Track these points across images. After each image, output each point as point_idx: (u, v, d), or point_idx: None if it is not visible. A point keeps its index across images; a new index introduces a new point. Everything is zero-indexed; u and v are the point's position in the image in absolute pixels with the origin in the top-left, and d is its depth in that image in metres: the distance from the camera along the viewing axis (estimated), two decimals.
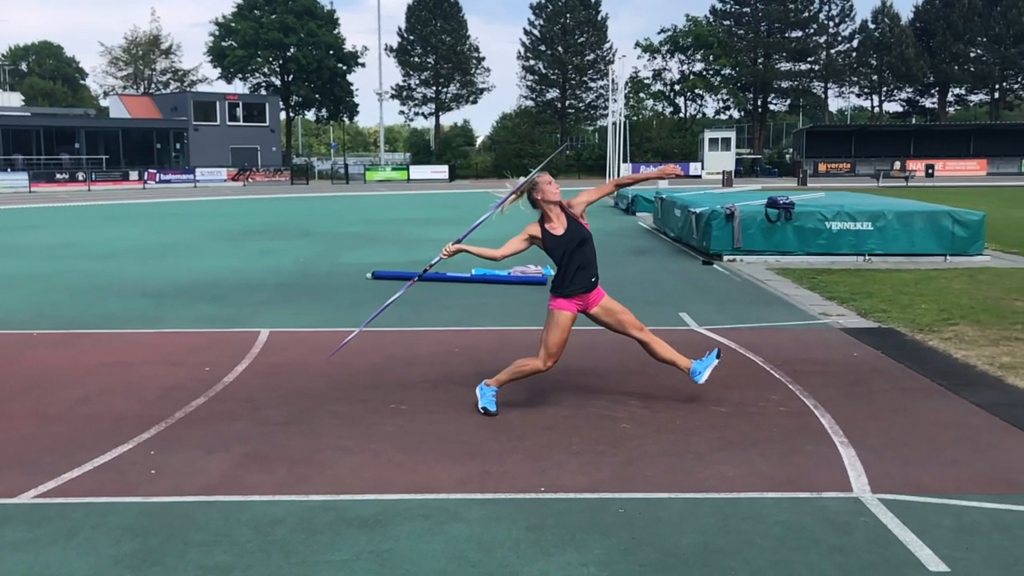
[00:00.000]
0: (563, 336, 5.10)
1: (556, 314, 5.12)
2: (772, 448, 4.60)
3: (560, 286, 5.15)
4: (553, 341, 5.10)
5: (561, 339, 5.10)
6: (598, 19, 63.41)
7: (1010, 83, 64.76)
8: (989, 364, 6.25)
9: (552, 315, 5.14)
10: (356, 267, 12.14)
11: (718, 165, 50.28)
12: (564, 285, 5.13)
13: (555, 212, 5.23)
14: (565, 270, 5.12)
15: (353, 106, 67.41)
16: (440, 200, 32.14)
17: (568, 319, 5.13)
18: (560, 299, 5.14)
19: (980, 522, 3.64)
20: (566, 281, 5.12)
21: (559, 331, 5.10)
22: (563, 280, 5.13)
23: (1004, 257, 12.58)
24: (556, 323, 5.11)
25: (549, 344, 5.11)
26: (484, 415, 5.15)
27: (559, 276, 5.16)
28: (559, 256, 5.13)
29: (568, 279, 5.11)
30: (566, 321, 5.12)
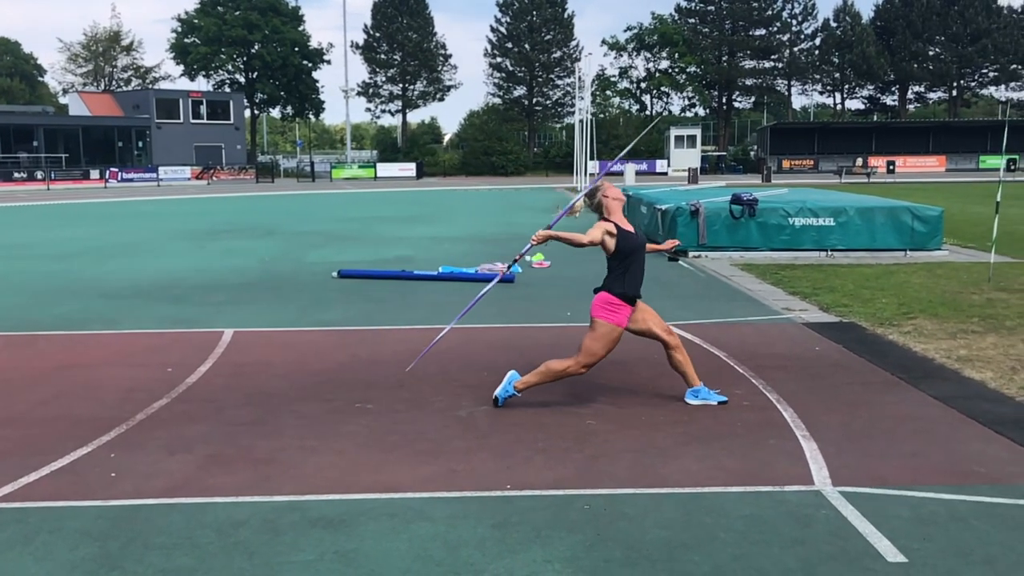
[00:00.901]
0: (610, 351, 5.09)
1: (613, 329, 5.00)
2: (735, 442, 4.65)
3: (623, 284, 5.03)
4: (598, 352, 5.05)
5: (607, 352, 5.09)
6: (564, 17, 63.52)
7: (967, 81, 66.00)
8: (947, 357, 6.37)
9: (609, 328, 5.00)
10: (321, 266, 12.05)
11: (684, 162, 50.67)
12: (628, 284, 5.04)
13: (620, 215, 5.20)
14: (629, 270, 5.05)
15: (319, 103, 66.93)
16: (407, 198, 32.00)
17: (620, 336, 5.09)
18: (616, 309, 4.99)
19: (937, 512, 3.71)
20: (629, 280, 5.04)
21: (609, 345, 5.05)
22: (626, 280, 5.04)
23: (962, 252, 12.83)
24: (610, 338, 5.02)
25: (594, 352, 5.05)
26: (493, 404, 5.18)
27: (622, 275, 5.04)
28: (629, 254, 5.06)
29: (632, 279, 5.06)
30: (618, 338, 5.08)
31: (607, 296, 5.06)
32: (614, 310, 5.04)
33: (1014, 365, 6.10)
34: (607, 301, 5.05)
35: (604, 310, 5.04)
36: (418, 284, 10.36)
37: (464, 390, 5.69)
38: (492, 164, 57.70)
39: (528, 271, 11.40)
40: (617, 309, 5.04)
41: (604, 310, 5.04)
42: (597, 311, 5.07)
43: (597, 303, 5.11)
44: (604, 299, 5.06)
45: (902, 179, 43.77)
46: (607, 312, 5.03)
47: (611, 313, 5.02)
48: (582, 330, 7.54)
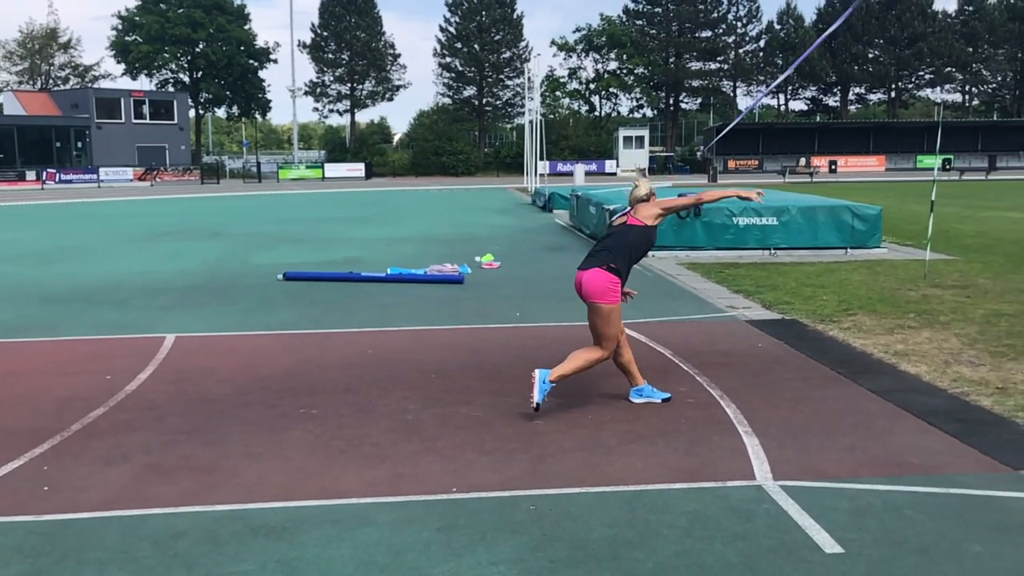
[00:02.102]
0: (621, 325, 5.24)
1: (615, 308, 5.18)
2: (679, 439, 4.70)
3: (624, 273, 5.20)
4: (616, 333, 5.19)
5: (621, 328, 5.23)
6: (514, 17, 63.64)
7: (905, 83, 67.84)
8: (884, 352, 6.53)
9: (611, 309, 5.14)
10: (267, 268, 11.88)
11: (632, 162, 51.19)
12: (626, 273, 5.22)
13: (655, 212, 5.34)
14: (633, 261, 5.29)
15: (265, 103, 66.05)
16: (356, 199, 31.72)
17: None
18: (615, 288, 5.14)
19: (873, 504, 3.80)
20: (626, 271, 5.23)
21: (618, 321, 5.21)
22: (628, 270, 5.24)
23: (900, 249, 13.18)
24: (617, 315, 5.19)
25: (613, 335, 5.18)
26: (535, 407, 5.03)
27: (627, 265, 5.22)
28: (648, 238, 5.28)
29: (629, 269, 5.26)
30: (620, 312, 5.25)
31: (611, 276, 5.14)
32: (614, 290, 5.15)
33: (947, 359, 6.28)
34: (611, 281, 5.13)
35: (608, 293, 5.12)
36: (366, 286, 10.27)
37: (412, 393, 5.66)
38: (442, 164, 57.56)
39: (478, 272, 11.40)
40: (616, 288, 5.17)
41: (608, 293, 5.12)
42: (600, 296, 5.12)
43: (598, 286, 5.13)
44: (608, 279, 5.13)
45: (844, 178, 44.81)
46: (611, 295, 5.13)
47: (612, 294, 5.14)
48: (532, 330, 7.62)
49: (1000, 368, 6.01)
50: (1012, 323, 7.48)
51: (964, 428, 4.77)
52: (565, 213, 21.14)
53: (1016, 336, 6.96)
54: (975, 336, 7.00)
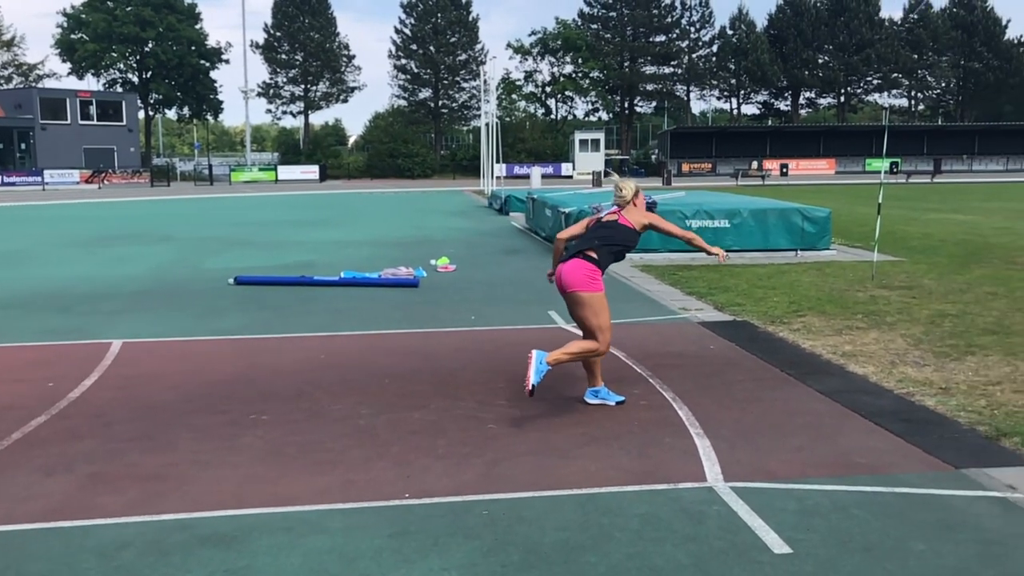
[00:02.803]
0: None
1: (602, 296, 5.20)
2: (632, 441, 4.73)
3: (603, 267, 5.23)
4: (608, 322, 5.20)
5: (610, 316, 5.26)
6: (469, 19, 63.64)
7: (853, 88, 69.36)
8: (833, 353, 6.65)
9: (599, 297, 5.16)
10: (218, 272, 11.69)
11: (588, 165, 51.52)
12: (604, 267, 5.25)
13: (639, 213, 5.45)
14: (616, 259, 5.33)
15: (217, 104, 65.10)
16: (309, 201, 31.41)
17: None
18: (597, 277, 5.16)
19: (821, 504, 3.86)
20: (606, 266, 5.26)
21: (608, 309, 5.23)
22: (607, 265, 5.27)
23: (849, 251, 13.44)
24: (605, 303, 5.21)
25: (607, 325, 5.18)
26: (529, 391, 4.89)
27: (607, 261, 5.26)
28: (633, 241, 5.37)
29: (608, 265, 5.29)
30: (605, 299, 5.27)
31: (590, 265, 5.15)
32: (594, 278, 5.16)
33: (893, 359, 6.42)
34: (590, 270, 5.15)
35: (587, 281, 5.13)
36: (319, 290, 10.16)
37: (364, 398, 5.61)
38: (398, 166, 57.28)
39: (433, 275, 11.35)
40: (596, 277, 5.18)
41: (587, 281, 5.13)
42: (579, 284, 5.12)
43: (577, 275, 5.13)
44: (587, 268, 5.14)
45: (795, 181, 45.62)
46: (591, 283, 5.14)
47: (593, 283, 5.15)
48: (487, 333, 7.61)
49: (943, 368, 6.16)
50: (955, 323, 7.67)
51: (909, 428, 4.87)
52: (521, 216, 21.19)
53: (958, 336, 7.14)
54: (920, 337, 7.17)
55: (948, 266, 11.45)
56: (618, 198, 5.47)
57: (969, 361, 6.33)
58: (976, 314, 8.07)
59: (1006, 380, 5.80)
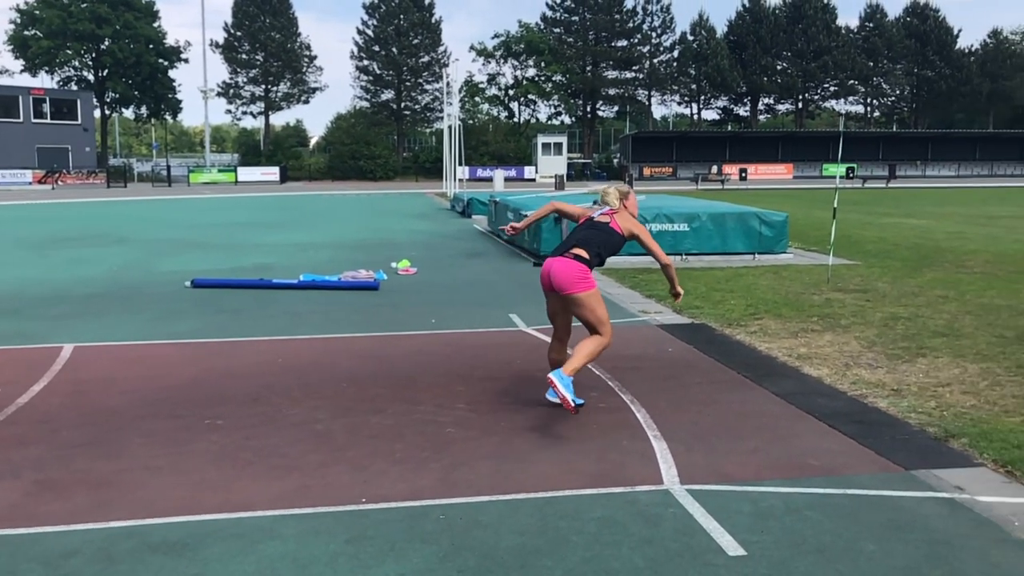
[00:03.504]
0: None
1: (597, 291, 5.20)
2: (590, 445, 4.74)
3: (593, 267, 5.24)
4: (606, 314, 5.21)
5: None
6: (432, 21, 63.55)
7: (811, 94, 70.57)
8: (788, 355, 6.74)
9: (593, 293, 5.15)
10: (175, 275, 11.51)
11: (551, 169, 51.71)
12: (594, 267, 5.26)
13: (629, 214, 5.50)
14: (601, 262, 5.31)
15: (176, 104, 64.14)
16: (269, 203, 31.08)
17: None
18: (589, 276, 5.17)
19: (775, 506, 3.90)
20: (593, 267, 5.26)
21: (603, 302, 5.25)
22: (594, 267, 5.27)
23: (805, 255, 13.65)
24: (600, 297, 5.23)
25: (606, 318, 5.19)
26: (575, 411, 4.92)
27: (597, 261, 5.26)
28: (620, 248, 5.38)
29: (594, 267, 5.28)
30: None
31: (583, 267, 5.15)
32: (586, 276, 5.15)
33: (847, 361, 6.53)
34: (581, 270, 5.14)
35: (580, 281, 5.12)
36: (277, 293, 10.05)
37: (322, 402, 5.55)
38: (360, 168, 56.95)
39: (394, 278, 11.29)
40: (587, 275, 5.17)
41: (580, 281, 5.12)
42: (577, 287, 5.10)
43: (569, 276, 5.11)
44: (578, 267, 5.13)
45: (753, 186, 46.19)
46: (583, 283, 5.13)
47: (585, 281, 5.14)
48: (447, 336, 7.58)
49: (895, 370, 6.27)
50: (907, 326, 7.82)
51: (862, 429, 4.95)
52: (484, 219, 21.18)
53: (910, 339, 7.28)
54: (873, 339, 7.30)
55: (901, 270, 11.68)
56: (606, 202, 5.49)
57: (920, 363, 6.46)
58: (927, 317, 8.24)
59: (955, 382, 5.92)
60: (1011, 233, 17.23)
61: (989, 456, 4.49)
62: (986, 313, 8.45)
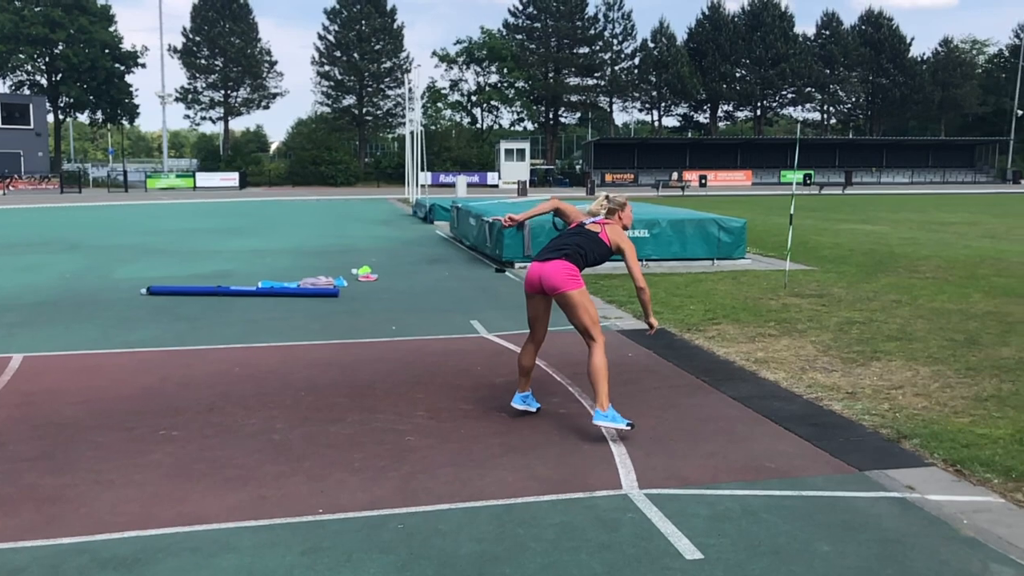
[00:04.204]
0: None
1: (585, 291, 5.18)
2: (550, 450, 4.75)
3: (582, 268, 5.22)
4: (596, 314, 5.18)
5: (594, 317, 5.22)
6: (394, 27, 63.35)
7: (769, 101, 71.61)
8: (746, 360, 6.82)
9: (582, 292, 5.13)
10: (130, 282, 11.30)
11: (514, 175, 51.81)
12: (582, 268, 5.24)
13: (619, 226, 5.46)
14: (585, 264, 5.27)
15: (133, 109, 63.14)
16: (229, 209, 30.70)
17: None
18: (577, 275, 5.14)
19: (732, 509, 3.94)
20: (582, 268, 5.24)
21: (591, 301, 5.21)
22: (582, 268, 5.24)
23: (763, 260, 13.83)
24: (588, 297, 5.19)
25: (596, 318, 5.15)
26: (630, 428, 4.92)
27: (582, 265, 5.23)
28: (605, 259, 5.35)
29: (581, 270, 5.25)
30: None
31: (572, 266, 5.13)
32: (575, 275, 5.13)
33: (803, 365, 6.62)
34: (571, 269, 5.12)
35: (570, 279, 5.08)
36: (235, 301, 9.92)
37: (280, 412, 5.49)
38: (321, 174, 56.51)
39: (354, 285, 11.21)
40: (576, 274, 5.15)
41: (570, 279, 5.08)
42: (568, 285, 5.07)
43: (561, 275, 5.07)
44: (567, 267, 5.10)
45: (713, 192, 46.73)
46: (573, 281, 5.10)
47: (575, 280, 5.11)
48: (408, 344, 7.54)
49: (850, 374, 6.38)
50: (862, 330, 7.96)
51: (817, 432, 5.02)
52: (446, 225, 21.14)
53: (865, 343, 7.41)
54: (829, 343, 7.41)
55: (856, 275, 11.89)
56: (591, 211, 5.47)
57: (874, 366, 6.58)
58: (881, 321, 8.39)
59: (907, 384, 6.04)
60: (961, 239, 17.65)
61: (939, 456, 4.58)
62: (937, 317, 8.63)
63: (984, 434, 4.91)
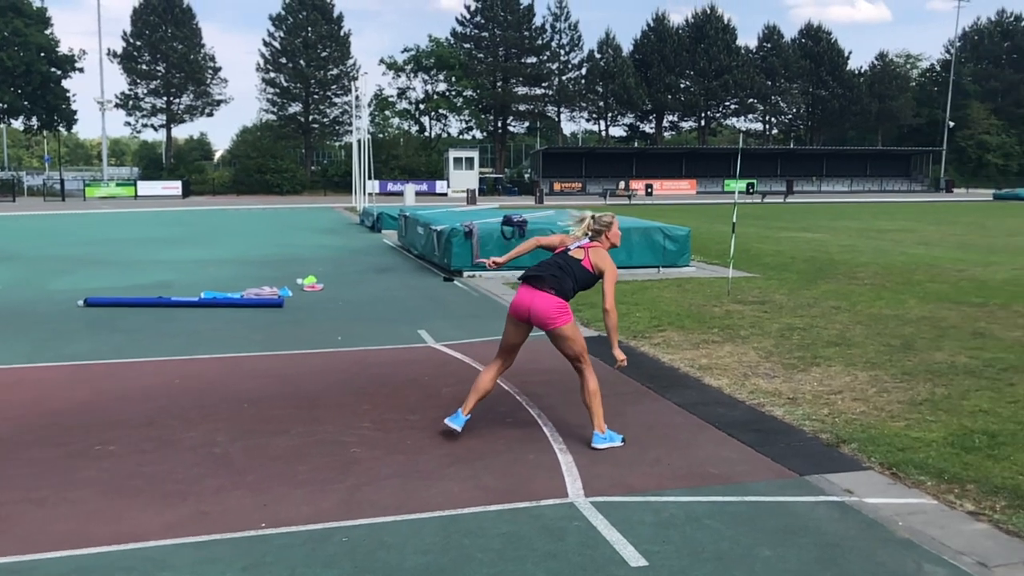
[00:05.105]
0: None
1: (575, 324, 5.15)
2: (497, 460, 4.74)
3: (569, 298, 5.13)
4: (584, 344, 5.15)
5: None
6: (341, 34, 62.85)
7: (713, 112, 72.85)
8: (690, 366, 6.91)
9: (574, 326, 5.10)
10: (67, 294, 10.99)
11: (463, 183, 51.74)
12: (569, 298, 5.15)
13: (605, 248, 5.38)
14: (575, 293, 5.19)
15: (70, 115, 61.39)
16: (171, 218, 30.08)
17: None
18: (567, 310, 5.08)
19: (676, 515, 3.98)
20: (570, 297, 5.15)
21: (580, 334, 5.17)
22: (570, 296, 5.16)
23: (707, 268, 14.04)
24: (577, 329, 5.15)
25: (584, 347, 5.13)
26: (624, 444, 4.98)
27: (573, 293, 5.17)
28: (592, 284, 5.23)
29: (571, 296, 5.17)
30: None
31: (561, 302, 5.06)
32: (564, 310, 5.08)
33: (746, 372, 6.73)
34: (561, 304, 5.06)
35: (561, 314, 5.03)
36: (177, 312, 9.71)
37: (221, 424, 5.38)
38: (266, 182, 55.71)
39: (299, 295, 11.07)
40: (566, 308, 5.10)
41: (561, 314, 5.03)
42: (557, 320, 5.01)
43: (551, 311, 5.00)
44: (557, 302, 5.03)
45: (659, 201, 47.32)
46: (564, 315, 5.05)
47: (565, 314, 5.07)
48: (353, 354, 7.46)
49: (791, 379, 6.50)
50: (803, 336, 8.13)
51: (759, 437, 5.11)
52: (394, 233, 21.02)
53: (805, 349, 7.57)
54: (771, 349, 7.55)
55: (797, 282, 12.14)
56: (575, 233, 5.39)
57: (814, 372, 6.72)
58: (821, 327, 8.58)
59: (846, 389, 6.18)
60: (898, 246, 18.16)
61: (876, 459, 4.70)
62: (875, 323, 8.86)
63: (918, 437, 5.05)
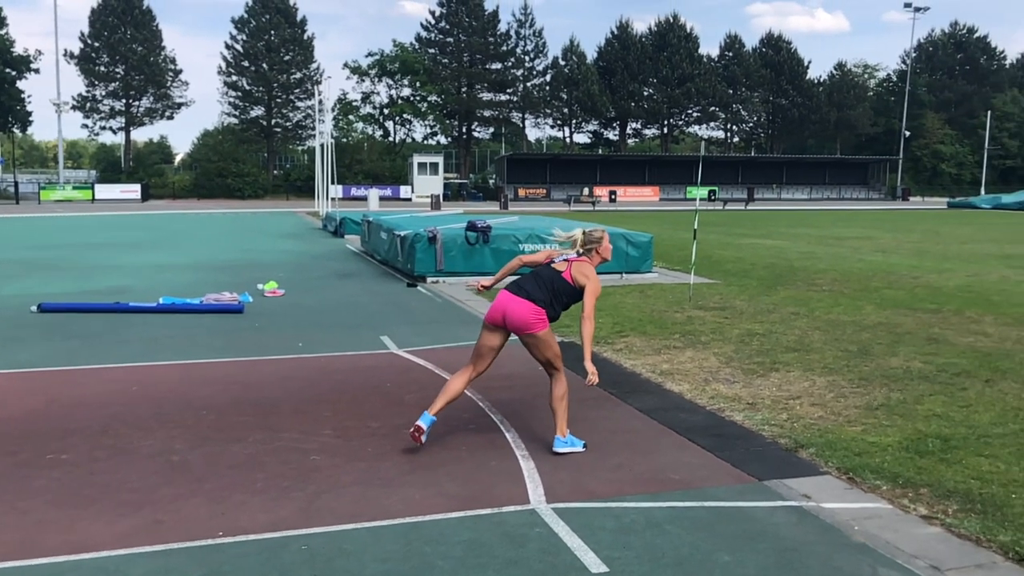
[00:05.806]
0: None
1: (551, 331, 5.11)
2: (459, 467, 4.72)
3: (548, 309, 5.06)
4: (559, 351, 5.13)
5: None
6: (304, 38, 62.45)
7: (675, 120, 73.62)
8: (652, 372, 6.95)
9: (550, 333, 5.07)
10: (19, 299, 10.74)
11: (427, 189, 51.66)
12: (552, 313, 5.10)
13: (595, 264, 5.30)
14: (561, 306, 5.15)
15: (25, 116, 60.13)
16: (129, 222, 29.58)
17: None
18: (544, 318, 5.03)
19: (637, 521, 3.99)
20: (553, 312, 5.10)
21: (555, 341, 5.15)
22: (556, 312, 5.12)
23: (669, 274, 14.15)
24: (552, 336, 5.13)
25: (559, 353, 5.11)
26: (585, 449, 5.02)
27: (560, 309, 5.14)
28: (578, 297, 5.14)
29: (557, 311, 5.14)
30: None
31: (538, 308, 5.01)
32: (541, 318, 5.04)
33: (707, 377, 6.79)
34: (538, 311, 5.01)
35: (536, 322, 5.00)
36: (134, 318, 9.53)
37: (179, 432, 5.29)
38: (228, 186, 55.07)
39: (260, 301, 10.94)
40: (543, 316, 5.05)
41: (536, 322, 5.00)
42: (535, 326, 4.99)
43: (528, 316, 4.98)
44: (534, 310, 5.00)
45: (622, 207, 47.68)
46: (540, 323, 5.02)
47: (541, 322, 5.03)
48: (314, 361, 7.39)
49: (751, 385, 6.57)
50: (762, 342, 8.22)
51: (719, 442, 5.15)
52: (357, 239, 20.89)
53: (765, 354, 7.66)
54: (731, 355, 7.63)
55: (757, 288, 12.28)
56: (568, 249, 5.33)
57: (773, 377, 6.80)
58: (781, 333, 8.69)
59: (804, 394, 6.26)
60: (856, 253, 18.47)
61: (833, 464, 4.76)
62: (833, 329, 9.00)
63: (875, 442, 5.13)
